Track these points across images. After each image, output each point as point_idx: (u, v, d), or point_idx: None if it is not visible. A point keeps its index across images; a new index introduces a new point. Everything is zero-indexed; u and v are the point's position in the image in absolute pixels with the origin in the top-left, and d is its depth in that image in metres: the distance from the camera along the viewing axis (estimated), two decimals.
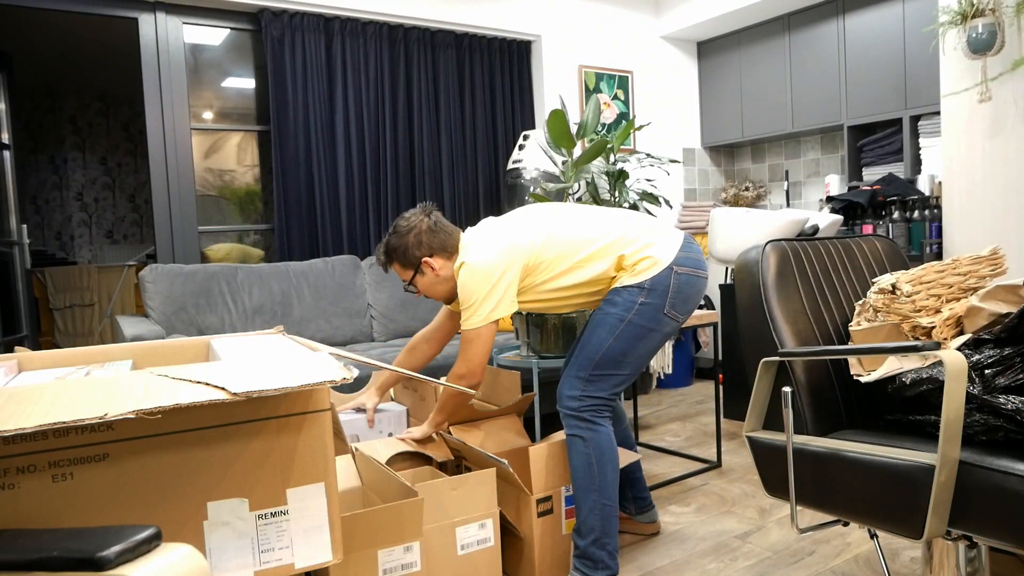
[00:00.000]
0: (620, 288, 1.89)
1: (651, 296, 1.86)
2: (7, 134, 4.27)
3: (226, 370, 0.82)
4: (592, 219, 1.98)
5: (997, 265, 1.57)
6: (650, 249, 1.92)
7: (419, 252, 1.99)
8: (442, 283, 2.02)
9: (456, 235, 2.03)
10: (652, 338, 1.89)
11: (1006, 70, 2.91)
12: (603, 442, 1.88)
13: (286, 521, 0.90)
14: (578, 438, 1.89)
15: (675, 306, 1.89)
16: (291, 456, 0.90)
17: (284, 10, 3.63)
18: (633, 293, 1.87)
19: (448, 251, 2.01)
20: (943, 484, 1.23)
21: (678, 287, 1.88)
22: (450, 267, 2.01)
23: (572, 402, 1.89)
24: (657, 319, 1.88)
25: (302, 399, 0.90)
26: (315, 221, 3.75)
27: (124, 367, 1.12)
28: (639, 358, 1.90)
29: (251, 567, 0.88)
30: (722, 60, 4.87)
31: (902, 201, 3.70)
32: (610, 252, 1.92)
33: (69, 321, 6.06)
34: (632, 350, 1.88)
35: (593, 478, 1.87)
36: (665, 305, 1.88)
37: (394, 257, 2.02)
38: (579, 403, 1.89)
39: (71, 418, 0.68)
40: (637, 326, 1.86)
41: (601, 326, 1.88)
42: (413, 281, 2.04)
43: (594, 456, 1.87)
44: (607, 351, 1.87)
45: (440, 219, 2.03)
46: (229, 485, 0.87)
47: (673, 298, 1.88)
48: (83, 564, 0.63)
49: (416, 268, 2.01)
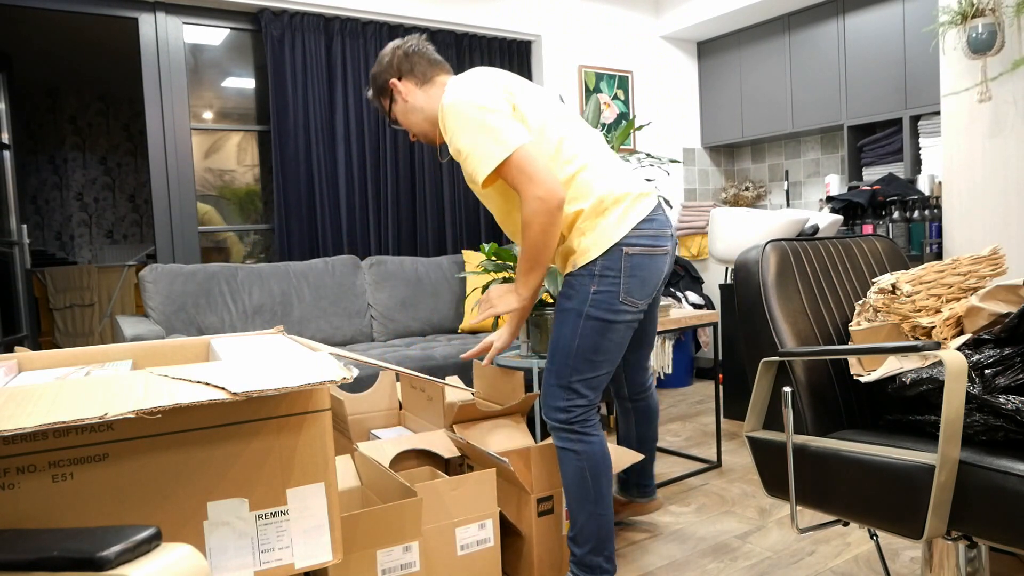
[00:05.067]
0: (574, 273, 1.76)
1: (603, 283, 1.72)
2: (7, 134, 4.27)
3: (226, 370, 0.82)
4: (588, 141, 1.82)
5: (997, 265, 1.57)
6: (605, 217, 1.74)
7: (387, 75, 1.89)
8: (414, 112, 1.90)
9: (439, 68, 1.91)
10: (616, 330, 1.76)
11: (1006, 70, 2.91)
12: (596, 453, 1.79)
13: (286, 521, 0.90)
14: (570, 452, 1.79)
15: (631, 292, 1.74)
16: (291, 456, 0.90)
17: (284, 10, 3.63)
18: (585, 281, 1.74)
19: (419, 77, 1.88)
20: (943, 484, 1.23)
21: (630, 270, 1.74)
22: (422, 97, 1.89)
23: (560, 414, 1.79)
24: (615, 308, 1.74)
25: (302, 399, 0.91)
26: (315, 221, 3.75)
27: (124, 367, 1.12)
28: (610, 352, 1.78)
29: (251, 567, 0.88)
30: (722, 60, 4.87)
31: (902, 201, 3.70)
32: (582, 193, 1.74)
33: (69, 321, 6.06)
34: (600, 346, 1.76)
35: (588, 490, 1.79)
36: (619, 292, 1.73)
37: (371, 85, 1.93)
38: (567, 415, 1.78)
39: (71, 418, 0.68)
40: (596, 320, 1.74)
41: (564, 324, 1.77)
42: (391, 111, 1.93)
43: (588, 469, 1.78)
44: (577, 352, 1.75)
45: (425, 49, 1.91)
46: (229, 485, 0.87)
47: (627, 283, 1.73)
48: (83, 564, 0.63)
49: (388, 95, 1.91)
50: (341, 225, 3.79)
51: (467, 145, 1.68)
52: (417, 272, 3.82)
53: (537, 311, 2.49)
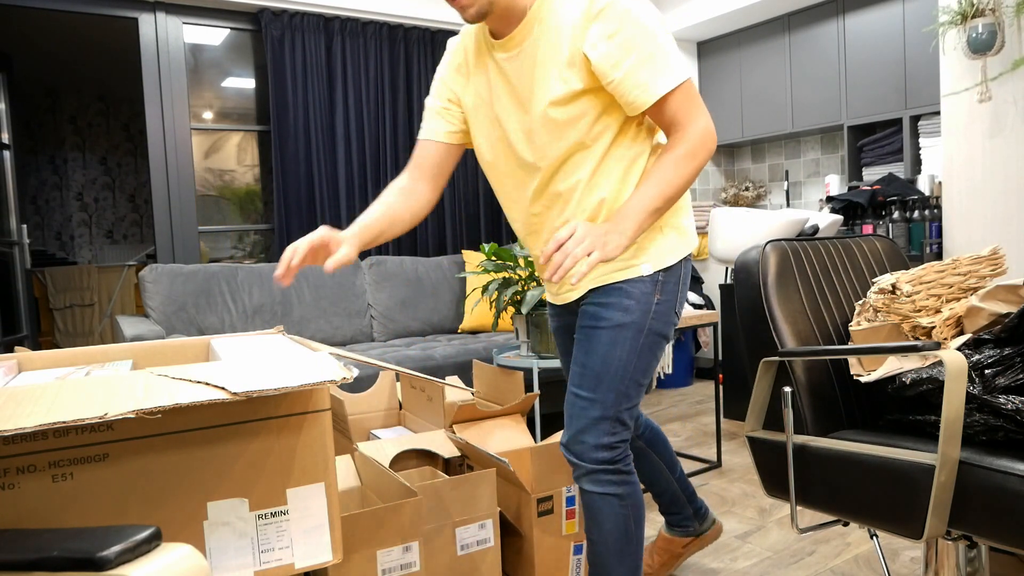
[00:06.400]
0: (634, 280, 1.43)
1: (664, 292, 1.45)
2: (7, 134, 4.27)
3: (226, 370, 0.82)
4: None
5: (997, 265, 1.57)
6: (688, 215, 1.48)
7: None
8: None
9: None
10: (663, 347, 1.48)
11: (1006, 70, 2.91)
12: (639, 494, 1.50)
13: (286, 521, 0.90)
14: (613, 497, 1.46)
15: (682, 304, 1.50)
16: (291, 456, 0.90)
17: (284, 10, 3.63)
18: (648, 289, 1.43)
19: None
20: (943, 484, 1.23)
21: (685, 277, 1.50)
22: None
23: (604, 453, 1.44)
24: (672, 322, 1.48)
25: (302, 399, 0.91)
26: (315, 221, 3.75)
27: (124, 367, 1.12)
28: (653, 373, 1.51)
29: (251, 567, 0.88)
30: (722, 60, 4.87)
31: (902, 201, 3.70)
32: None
33: (69, 321, 6.06)
34: (651, 367, 1.47)
35: (632, 540, 1.49)
36: (676, 303, 1.48)
37: None
38: (612, 452, 1.44)
39: (71, 418, 0.68)
40: (656, 335, 1.45)
41: (619, 343, 1.42)
42: None
43: (632, 516, 1.48)
44: (632, 375, 1.43)
45: None
46: (229, 485, 0.87)
47: (682, 293, 1.50)
48: (83, 564, 0.63)
49: None
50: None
51: (644, 57, 1.28)
52: (417, 272, 3.83)
53: (537, 311, 2.48)
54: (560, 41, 1.32)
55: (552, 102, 1.34)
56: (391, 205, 1.48)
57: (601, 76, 1.31)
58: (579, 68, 1.32)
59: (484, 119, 1.48)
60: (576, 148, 1.39)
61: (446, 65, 1.53)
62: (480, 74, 1.46)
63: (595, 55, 1.29)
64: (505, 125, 1.44)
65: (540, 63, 1.34)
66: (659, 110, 1.34)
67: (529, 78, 1.36)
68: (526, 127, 1.40)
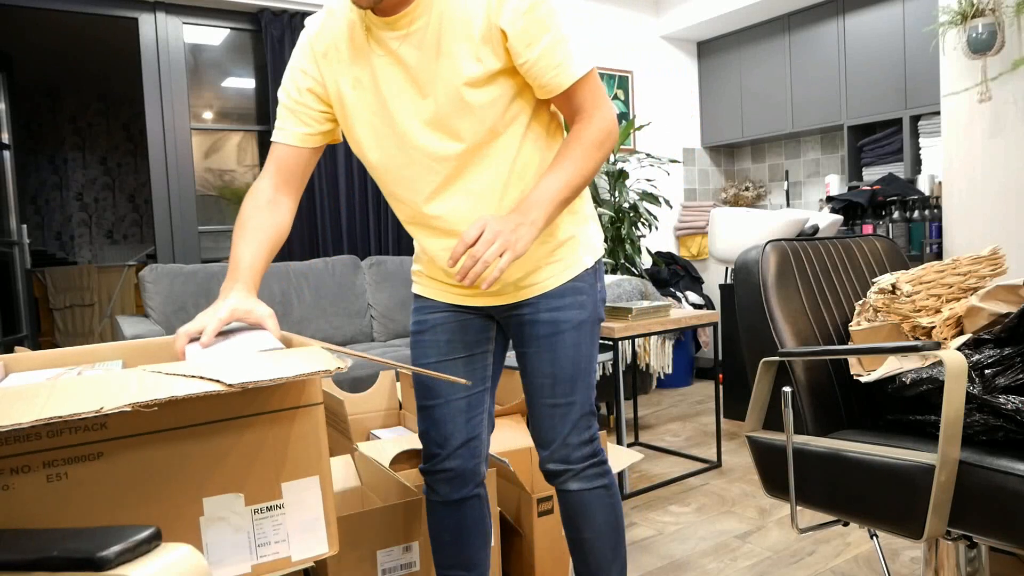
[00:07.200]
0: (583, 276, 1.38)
1: (599, 277, 1.43)
2: (7, 134, 4.27)
3: (218, 364, 0.82)
4: None
5: (997, 265, 1.56)
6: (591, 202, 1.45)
7: None
8: None
9: None
10: None
11: (1006, 70, 2.91)
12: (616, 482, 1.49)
13: (281, 515, 0.90)
14: (601, 489, 1.42)
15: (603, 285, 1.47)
16: (284, 450, 0.90)
17: (284, 10, 3.63)
18: (592, 277, 1.40)
19: None
20: (943, 484, 1.22)
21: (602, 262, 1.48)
22: None
23: (586, 448, 1.41)
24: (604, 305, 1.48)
25: (294, 393, 0.91)
26: (315, 221, 3.75)
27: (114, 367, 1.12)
28: None
29: (248, 561, 0.88)
30: (722, 60, 4.87)
31: (902, 201, 3.69)
32: None
33: (69, 321, 6.06)
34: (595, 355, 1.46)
35: (619, 531, 1.46)
36: (603, 286, 1.46)
37: None
38: (592, 445, 1.41)
39: (67, 413, 0.68)
40: (600, 320, 1.44)
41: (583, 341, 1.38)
42: None
43: (618, 505, 1.46)
44: (593, 363, 1.42)
45: None
46: (224, 480, 0.87)
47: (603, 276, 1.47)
48: (83, 564, 0.63)
49: None
50: (341, 225, 3.79)
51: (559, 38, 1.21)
52: None
53: None
54: (470, 16, 1.18)
55: (468, 82, 1.20)
56: (266, 231, 1.27)
57: (515, 55, 1.19)
58: (496, 44, 1.19)
59: (366, 111, 1.28)
60: (489, 137, 1.25)
61: (306, 52, 1.30)
62: (359, 60, 1.25)
63: (513, 30, 1.17)
64: (397, 116, 1.25)
65: (445, 40, 1.19)
66: (569, 95, 1.25)
67: (431, 58, 1.20)
68: (427, 115, 1.24)
